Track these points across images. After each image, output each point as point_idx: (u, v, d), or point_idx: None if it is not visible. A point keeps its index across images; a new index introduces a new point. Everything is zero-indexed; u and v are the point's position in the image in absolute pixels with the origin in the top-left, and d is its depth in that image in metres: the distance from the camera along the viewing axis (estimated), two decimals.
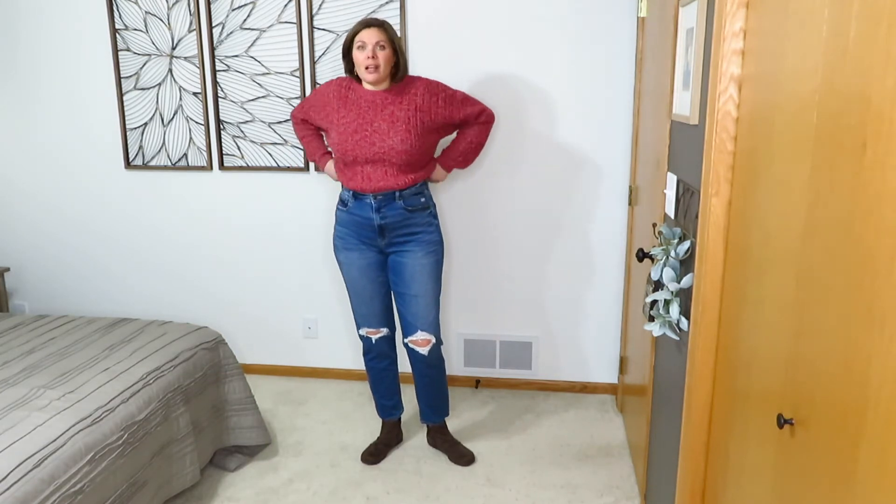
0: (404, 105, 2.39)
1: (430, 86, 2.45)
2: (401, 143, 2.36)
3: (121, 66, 3.27)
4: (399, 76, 2.40)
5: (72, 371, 2.20)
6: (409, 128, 2.38)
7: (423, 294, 2.51)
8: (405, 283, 2.51)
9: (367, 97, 2.42)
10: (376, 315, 2.61)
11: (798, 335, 1.07)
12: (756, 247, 1.29)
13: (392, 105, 2.40)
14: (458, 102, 2.48)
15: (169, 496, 2.22)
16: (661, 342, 2.07)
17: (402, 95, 2.41)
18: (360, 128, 2.39)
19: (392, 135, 2.37)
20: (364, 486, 2.53)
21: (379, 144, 2.37)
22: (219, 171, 3.31)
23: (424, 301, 2.52)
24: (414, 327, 2.55)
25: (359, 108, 2.41)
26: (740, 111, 1.41)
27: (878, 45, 0.83)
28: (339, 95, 2.46)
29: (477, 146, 2.58)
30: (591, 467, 2.64)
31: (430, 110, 2.42)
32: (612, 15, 2.89)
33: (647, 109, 2.57)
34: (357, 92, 2.44)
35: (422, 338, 2.56)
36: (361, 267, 2.53)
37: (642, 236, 2.56)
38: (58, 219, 3.54)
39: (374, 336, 2.64)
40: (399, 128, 2.37)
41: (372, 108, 2.40)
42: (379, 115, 2.39)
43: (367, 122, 2.39)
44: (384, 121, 2.38)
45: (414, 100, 2.40)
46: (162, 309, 3.55)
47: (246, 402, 2.63)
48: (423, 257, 2.49)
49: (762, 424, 1.24)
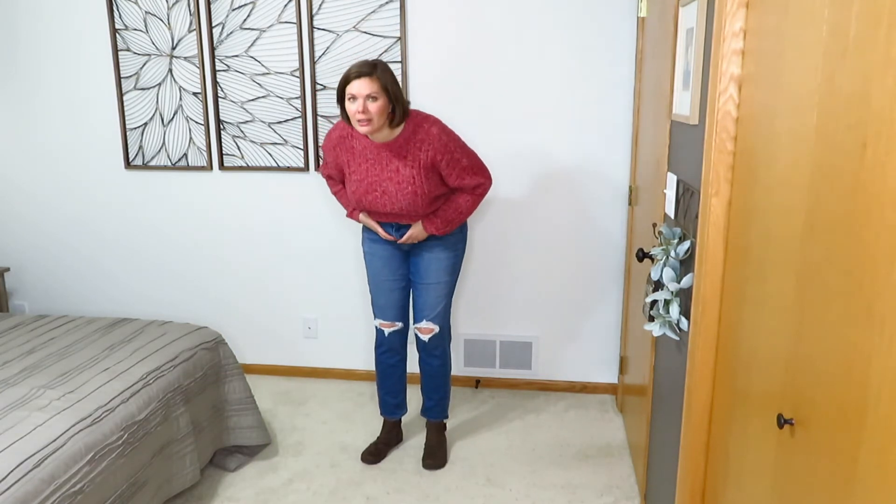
0: (409, 161, 2.32)
1: (437, 143, 2.31)
2: (409, 206, 2.37)
3: (121, 66, 3.27)
4: (397, 122, 2.28)
5: (72, 371, 2.20)
6: (415, 188, 2.34)
7: (435, 284, 2.55)
8: (420, 273, 2.56)
9: (372, 147, 2.36)
10: (392, 307, 2.63)
11: (798, 335, 1.07)
12: (756, 247, 1.29)
13: (397, 159, 2.33)
14: (460, 170, 2.37)
15: (169, 496, 2.22)
16: (661, 342, 2.07)
17: (407, 148, 2.32)
18: (370, 188, 2.39)
19: (400, 198, 2.36)
20: (364, 486, 2.53)
21: (390, 206, 2.39)
22: (219, 171, 3.31)
23: (435, 292, 2.56)
24: (421, 315, 2.59)
25: (367, 163, 2.38)
26: (740, 111, 1.41)
27: (878, 45, 0.83)
28: (345, 147, 2.41)
29: (464, 214, 2.46)
30: (591, 467, 2.64)
31: (434, 167, 2.35)
32: (612, 15, 2.89)
33: (647, 109, 2.57)
34: (362, 142, 2.37)
35: (425, 326, 2.59)
36: (385, 258, 2.57)
37: (642, 236, 2.56)
38: (58, 219, 3.54)
39: (387, 329, 2.65)
40: (406, 190, 2.35)
41: (378, 164, 2.36)
42: (385, 172, 2.35)
43: (375, 182, 2.37)
44: (391, 181, 2.35)
45: (418, 156, 2.31)
46: (162, 309, 3.55)
47: (246, 402, 2.63)
48: (441, 251, 2.53)
49: (762, 424, 1.24)
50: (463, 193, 2.45)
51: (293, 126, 3.19)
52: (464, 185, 2.41)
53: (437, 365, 2.68)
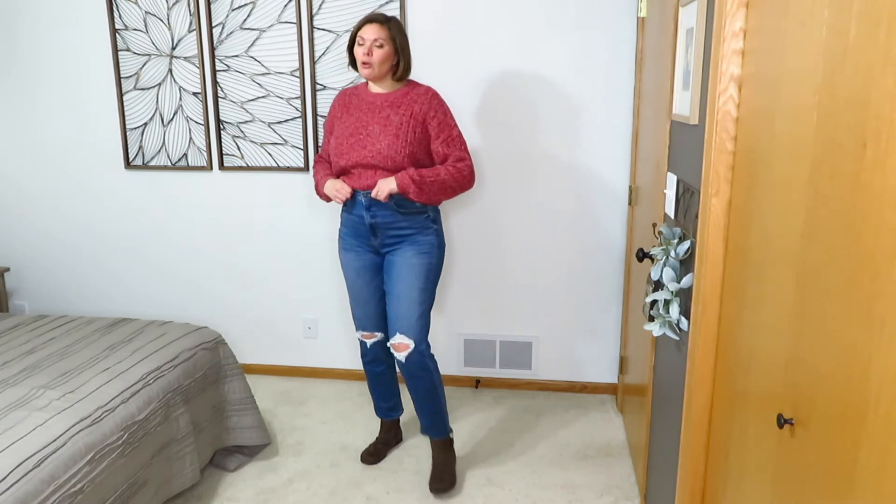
0: (401, 111, 2.35)
1: (433, 100, 2.36)
2: (387, 148, 2.31)
3: (121, 66, 3.27)
4: (399, 75, 2.35)
5: (72, 371, 2.20)
6: (398, 133, 2.32)
7: (407, 294, 2.38)
8: (391, 281, 2.42)
9: (369, 99, 2.40)
10: (370, 318, 2.55)
11: (798, 335, 1.07)
12: (756, 247, 1.29)
13: (389, 109, 2.36)
14: (447, 137, 2.36)
15: (169, 496, 2.22)
16: (661, 342, 2.07)
17: (402, 100, 2.37)
18: (355, 131, 2.38)
19: (381, 139, 2.33)
20: (364, 486, 2.53)
21: (369, 148, 2.34)
22: (219, 171, 3.31)
23: (407, 302, 2.38)
24: (393, 328, 2.41)
25: (359, 112, 2.40)
26: (740, 111, 1.41)
27: (878, 45, 0.83)
28: (343, 104, 2.46)
29: (442, 185, 2.32)
30: (591, 467, 2.64)
31: (423, 122, 2.34)
32: (612, 15, 2.89)
33: (647, 109, 2.57)
34: (360, 96, 2.42)
35: (399, 341, 2.40)
36: (357, 268, 2.50)
37: (642, 236, 2.56)
38: (58, 219, 3.54)
39: (368, 340, 2.59)
40: (389, 132, 2.33)
41: (370, 111, 2.38)
42: (375, 118, 2.36)
43: (362, 125, 2.37)
44: (378, 124, 2.35)
45: (411, 107, 2.35)
46: (162, 309, 3.55)
47: (246, 402, 2.63)
48: (412, 257, 2.39)
49: (762, 424, 1.24)
50: (445, 165, 2.37)
51: (293, 126, 3.19)
52: (447, 154, 2.36)
53: (422, 386, 2.45)
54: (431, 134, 2.36)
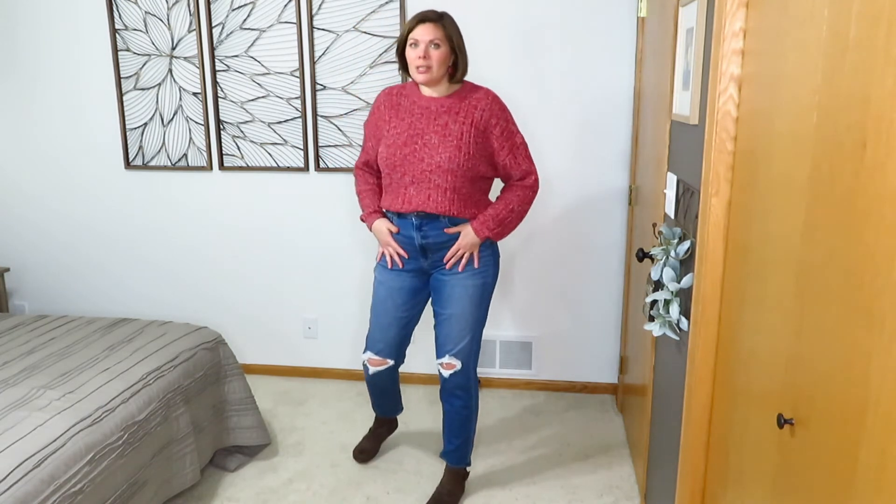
0: (460, 117, 2.14)
1: (494, 105, 2.17)
2: (448, 161, 2.11)
3: (121, 66, 3.27)
4: (458, 77, 2.16)
5: (72, 371, 2.20)
6: (459, 144, 2.12)
7: (459, 316, 2.25)
8: (442, 301, 2.27)
9: (422, 104, 2.19)
10: (386, 344, 2.38)
11: (798, 335, 1.07)
12: (756, 247, 1.29)
13: (447, 115, 2.15)
14: (512, 146, 2.19)
15: (169, 496, 2.22)
16: (661, 342, 2.07)
17: (460, 105, 2.15)
18: (409, 140, 2.16)
19: (442, 150, 2.12)
20: (364, 486, 2.53)
21: (427, 161, 2.13)
22: (219, 171, 3.31)
23: (459, 325, 2.25)
24: (443, 350, 2.29)
25: (412, 117, 2.19)
26: (740, 111, 1.41)
27: (878, 45, 0.83)
28: (391, 105, 2.24)
29: (518, 215, 2.22)
30: (591, 467, 2.64)
31: (486, 131, 2.15)
32: (612, 15, 2.89)
33: (647, 109, 2.57)
34: (411, 98, 2.22)
35: (446, 361, 2.29)
36: (392, 289, 2.32)
37: (642, 236, 2.56)
38: (58, 219, 3.54)
39: (374, 368, 2.42)
40: (450, 143, 2.12)
41: (425, 117, 2.17)
42: (432, 125, 2.15)
43: (417, 133, 2.16)
44: (436, 133, 2.14)
45: (472, 113, 2.14)
46: (162, 309, 3.55)
47: (246, 402, 2.63)
48: (467, 277, 2.24)
49: (762, 424, 1.24)
50: (511, 190, 2.21)
51: (293, 126, 3.19)
52: (513, 169, 2.19)
53: (459, 406, 2.35)
54: (495, 145, 2.17)
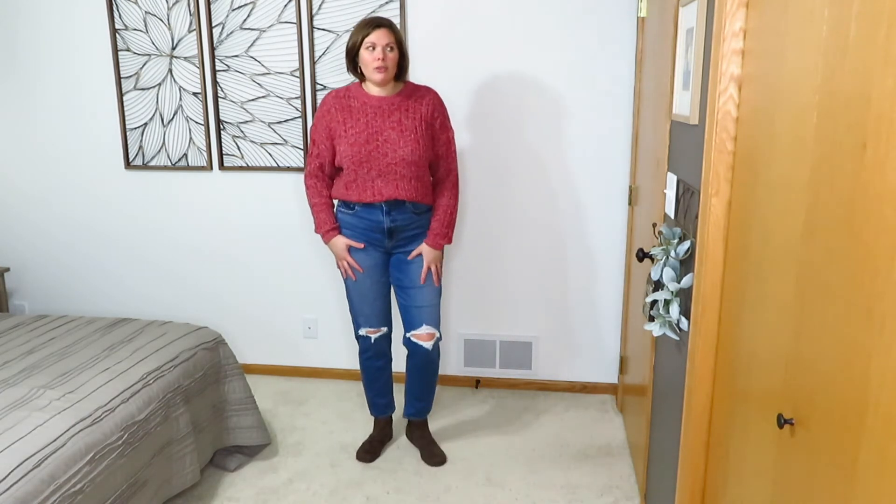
0: (411, 113, 2.39)
1: (437, 104, 2.45)
2: (410, 154, 2.36)
3: (121, 66, 3.27)
4: (403, 77, 2.42)
5: (72, 371, 2.20)
6: (417, 138, 2.38)
7: (429, 287, 2.52)
8: (410, 277, 2.52)
9: (373, 103, 2.39)
10: (377, 314, 2.61)
11: (798, 335, 1.07)
12: (756, 247, 1.29)
13: (398, 112, 2.38)
14: (447, 139, 2.48)
15: (169, 496, 2.22)
16: (661, 342, 2.07)
17: (408, 102, 2.40)
18: (370, 137, 2.37)
19: (402, 144, 2.36)
20: (364, 486, 2.53)
21: (391, 156, 2.36)
22: (219, 171, 3.31)
23: (430, 295, 2.53)
24: (419, 321, 2.54)
25: (366, 117, 2.38)
26: (740, 111, 1.41)
27: (878, 45, 0.83)
28: (341, 107, 2.41)
29: (453, 210, 2.52)
30: (591, 467, 2.64)
31: (432, 125, 2.43)
32: (612, 15, 2.89)
33: (647, 109, 2.57)
34: (360, 99, 2.40)
35: (426, 332, 2.55)
36: (367, 267, 2.53)
37: (642, 236, 2.56)
38: (58, 219, 3.54)
39: (373, 335, 2.63)
40: (408, 137, 2.37)
41: (379, 116, 2.38)
42: (387, 122, 2.37)
43: (376, 131, 2.37)
44: (393, 129, 2.37)
45: (420, 109, 2.40)
46: (162, 309, 3.55)
47: (246, 402, 2.63)
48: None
49: (762, 424, 1.24)
50: (441, 192, 2.50)
51: (293, 126, 3.19)
52: (443, 159, 2.47)
53: (432, 370, 2.64)
54: (437, 137, 2.44)
